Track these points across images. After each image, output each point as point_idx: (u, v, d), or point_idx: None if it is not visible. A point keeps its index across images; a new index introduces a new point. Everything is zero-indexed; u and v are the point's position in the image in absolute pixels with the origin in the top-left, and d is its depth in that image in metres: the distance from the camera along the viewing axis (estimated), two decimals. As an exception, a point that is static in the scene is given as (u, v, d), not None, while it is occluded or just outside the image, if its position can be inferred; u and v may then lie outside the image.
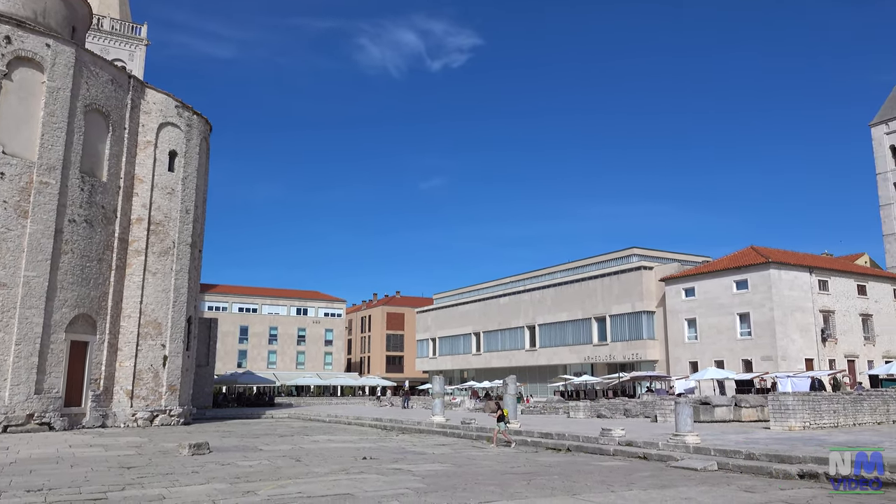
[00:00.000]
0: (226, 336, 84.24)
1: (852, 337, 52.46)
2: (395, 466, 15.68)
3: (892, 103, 69.17)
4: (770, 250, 53.51)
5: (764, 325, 49.14)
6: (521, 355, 70.11)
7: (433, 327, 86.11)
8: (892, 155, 67.66)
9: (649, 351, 56.53)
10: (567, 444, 20.10)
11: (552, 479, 13.47)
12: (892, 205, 66.94)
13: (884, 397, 27.05)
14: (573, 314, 63.90)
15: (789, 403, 23.53)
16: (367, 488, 12.15)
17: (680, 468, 15.20)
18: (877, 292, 55.12)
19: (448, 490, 12.02)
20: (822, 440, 18.39)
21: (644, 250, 62.59)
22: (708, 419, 27.82)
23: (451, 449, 20.48)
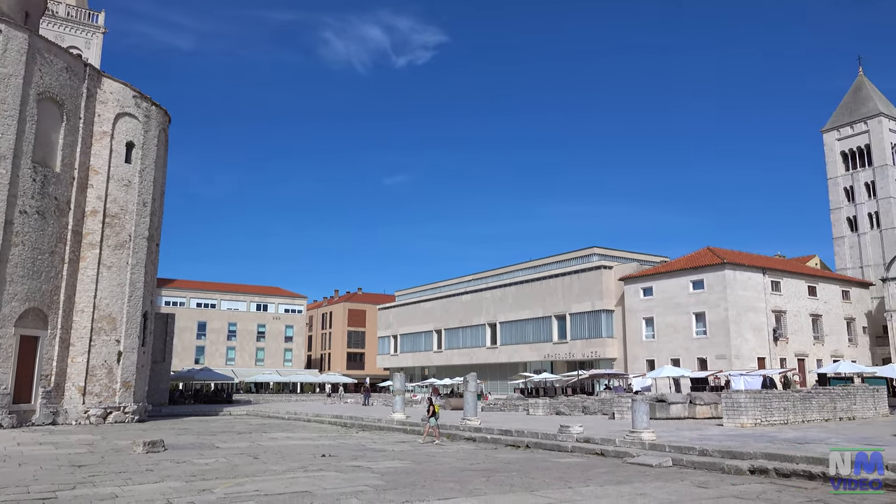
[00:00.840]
0: (183, 332, 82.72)
1: (802, 336, 54.00)
2: (354, 464, 15.63)
3: (843, 111, 71.36)
4: (725, 251, 54.74)
5: (719, 325, 50.26)
6: (482, 353, 70.47)
7: (395, 324, 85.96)
8: (843, 161, 69.84)
9: (608, 349, 57.35)
10: (526, 441, 20.28)
11: (511, 476, 13.58)
12: (841, 209, 69.08)
13: (831, 395, 27.90)
14: (534, 312, 64.46)
15: (742, 401, 24.12)
16: (325, 486, 12.09)
17: (636, 464, 15.47)
18: (826, 293, 56.82)
19: (407, 487, 12.03)
20: (773, 437, 18.91)
21: (604, 250, 63.46)
22: (664, 416, 28.35)
23: (411, 446, 20.48)
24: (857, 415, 27.96)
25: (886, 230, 65.27)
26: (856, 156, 69.05)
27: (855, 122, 69.28)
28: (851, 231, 68.24)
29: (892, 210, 65.41)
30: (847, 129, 69.79)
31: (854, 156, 69.19)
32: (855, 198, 68.20)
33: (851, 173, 68.91)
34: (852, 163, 69.31)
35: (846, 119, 70.27)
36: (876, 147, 67.32)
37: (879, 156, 66.93)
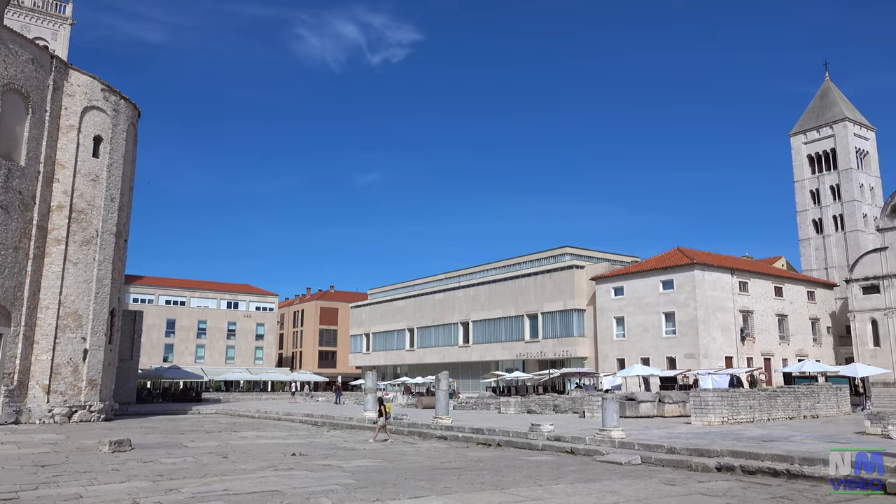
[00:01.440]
0: (151, 329, 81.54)
1: (769, 336, 54.98)
2: (324, 463, 15.55)
3: (810, 115, 72.78)
4: (695, 252, 55.49)
5: (688, 324, 50.95)
6: (455, 351, 70.56)
7: (367, 322, 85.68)
8: (809, 164, 71.22)
9: (579, 348, 57.80)
10: (497, 440, 20.36)
11: (482, 474, 13.63)
12: (807, 211, 70.45)
13: (795, 394, 28.47)
14: (506, 311, 64.72)
15: (709, 399, 24.49)
16: (295, 485, 12.01)
17: (605, 462, 15.62)
18: (792, 294, 57.92)
19: (378, 486, 12.01)
20: (739, 434, 19.24)
21: (576, 249, 63.94)
22: (633, 415, 28.66)
23: (383, 445, 20.45)
24: (821, 413, 28.58)
25: (850, 232, 66.73)
26: (822, 159, 70.48)
27: (821, 127, 70.70)
28: (817, 233, 69.65)
29: (856, 213, 66.88)
30: (813, 132, 71.20)
31: (820, 159, 70.61)
32: (820, 200, 69.60)
33: (817, 176, 70.32)
34: (818, 166, 70.73)
35: (813, 123, 71.66)
36: (841, 151, 68.77)
37: (844, 159, 68.38)
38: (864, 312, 55.57)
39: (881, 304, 54.48)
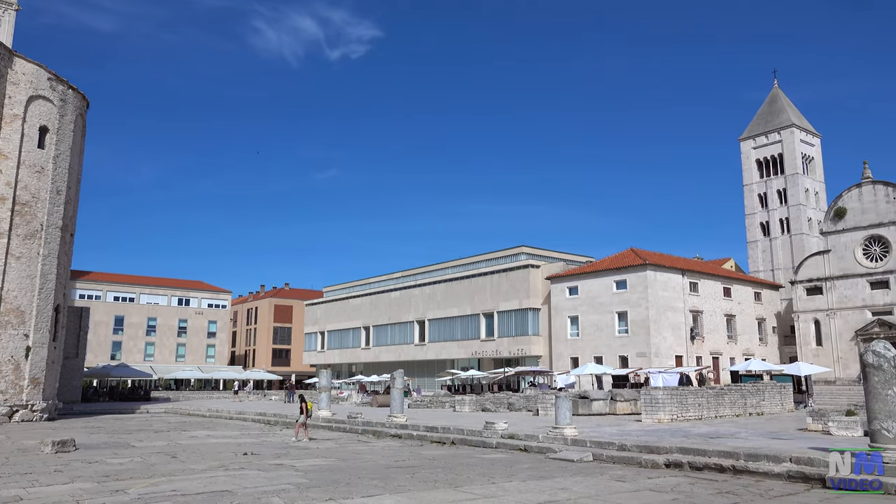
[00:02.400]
0: (99, 326, 79.30)
1: (717, 335, 56.39)
2: (277, 462, 15.37)
3: (760, 121, 74.86)
4: (647, 253, 56.55)
5: (640, 324, 51.90)
6: (411, 350, 70.50)
7: (322, 320, 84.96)
8: (758, 168, 73.24)
9: (534, 347, 58.36)
10: (452, 438, 20.42)
11: (436, 472, 13.64)
12: (755, 214, 72.45)
13: (742, 392, 29.27)
14: (462, 310, 64.94)
15: (659, 397, 25.00)
16: (246, 485, 11.83)
17: (558, 459, 15.80)
18: (740, 295, 59.52)
19: (331, 485, 11.92)
20: (688, 432, 19.68)
21: (532, 249, 64.52)
22: (586, 412, 29.07)
23: (336, 443, 20.31)
24: (766, 410, 29.43)
25: (796, 235, 68.87)
26: (770, 164, 72.56)
27: (769, 132, 72.77)
28: (764, 235, 71.69)
29: (801, 216, 69.07)
30: (762, 138, 73.25)
31: (768, 164, 72.68)
32: (768, 204, 71.64)
33: (765, 180, 72.37)
34: (766, 171, 72.79)
35: (762, 129, 73.73)
36: (788, 156, 70.91)
37: (791, 165, 70.53)
38: (807, 313, 57.44)
39: (824, 305, 56.39)
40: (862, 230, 55.10)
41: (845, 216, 56.16)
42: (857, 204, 55.78)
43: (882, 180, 54.94)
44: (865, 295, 54.33)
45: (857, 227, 55.31)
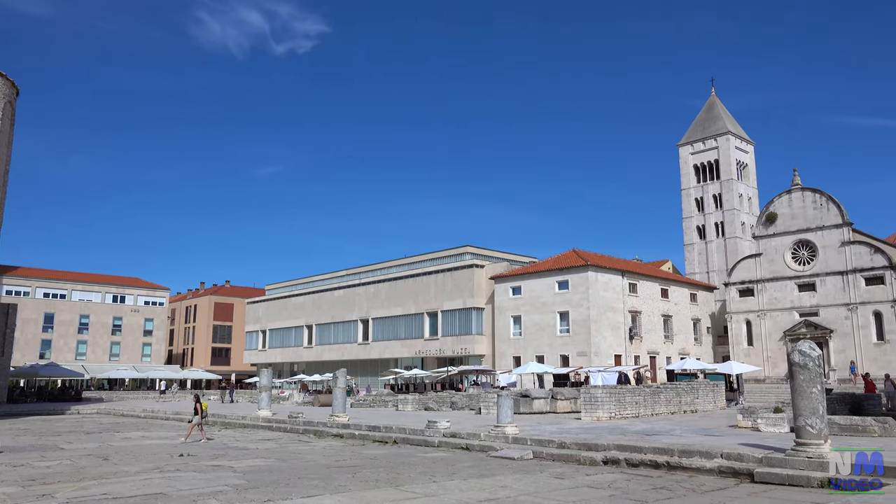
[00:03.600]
0: (27, 324, 76.02)
1: (655, 335, 57.91)
2: (214, 463, 15.05)
3: (697, 127, 77.19)
4: (589, 254, 57.62)
5: (581, 323, 52.86)
6: (354, 349, 70.04)
7: (264, 319, 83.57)
8: (695, 173, 75.50)
9: (477, 346, 58.75)
10: (394, 437, 20.38)
11: (377, 472, 13.60)
12: (692, 218, 74.67)
13: (677, 390, 30.14)
14: (407, 309, 64.87)
15: (598, 396, 25.52)
16: (181, 487, 11.55)
17: (499, 457, 15.96)
18: (677, 296, 61.28)
19: (270, 485, 11.74)
20: (625, 429, 20.14)
21: (476, 249, 64.92)
22: (527, 411, 29.44)
23: (277, 444, 20.02)
24: (699, 408, 30.38)
25: (730, 239, 71.28)
26: (706, 169, 74.87)
27: (706, 139, 75.11)
28: (700, 239, 73.94)
29: (735, 221, 71.52)
30: (700, 144, 75.54)
31: (705, 169, 74.99)
32: (704, 208, 73.92)
33: (702, 185, 74.65)
34: (703, 176, 75.10)
35: (699, 135, 76.03)
36: (724, 162, 73.34)
37: (726, 170, 72.96)
38: (739, 314, 59.54)
39: (755, 307, 58.56)
40: (791, 235, 57.43)
41: (776, 221, 58.43)
42: (787, 209, 58.11)
43: (810, 187, 57.39)
44: (794, 297, 56.66)
45: (787, 232, 57.62)
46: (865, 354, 51.84)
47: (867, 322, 52.51)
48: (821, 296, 55.08)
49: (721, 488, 11.51)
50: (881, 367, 47.13)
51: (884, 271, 52.19)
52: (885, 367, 47.07)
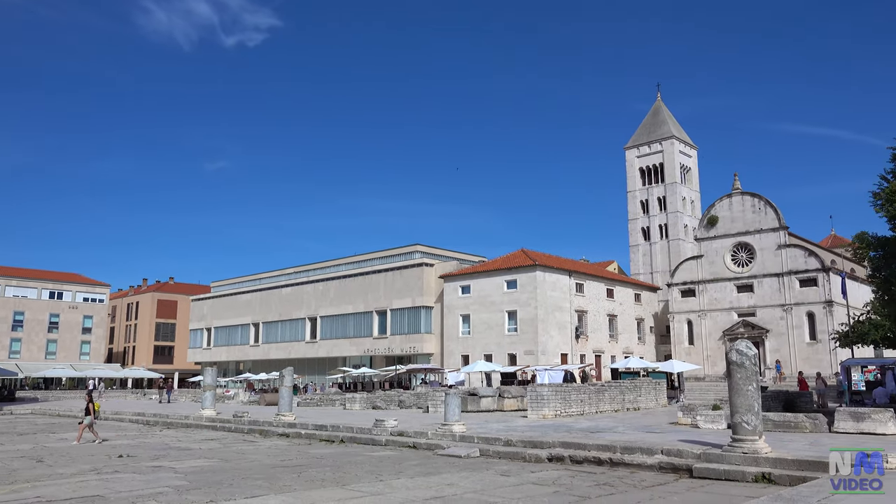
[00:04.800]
0: (-45, 320, 72.76)
1: (600, 334, 59.01)
2: (155, 464, 14.70)
3: (643, 131, 78.92)
4: (537, 254, 58.32)
5: (528, 322, 53.46)
6: (302, 347, 69.25)
7: (209, 316, 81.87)
8: (641, 176, 77.18)
9: (426, 344, 58.82)
10: (341, 436, 20.26)
11: (323, 471, 13.50)
12: (637, 220, 76.32)
13: (620, 388, 30.77)
14: (356, 307, 64.48)
15: (545, 394, 25.86)
16: (120, 489, 11.24)
17: (446, 456, 16.03)
18: (622, 296, 62.57)
19: (213, 486, 11.53)
20: (570, 426, 20.47)
21: (426, 248, 64.96)
22: (475, 409, 29.63)
23: (221, 443, 19.66)
24: (642, 405, 31.09)
25: (673, 241, 73.12)
26: (651, 172, 76.61)
27: (652, 142, 76.85)
28: (645, 240, 75.64)
29: (679, 223, 73.40)
30: (645, 147, 77.24)
31: (650, 172, 76.72)
32: (649, 210, 75.64)
33: (647, 188, 76.37)
34: (648, 179, 76.83)
35: (645, 139, 77.75)
36: (668, 166, 75.18)
37: (670, 174, 74.81)
38: (681, 314, 61.17)
39: (696, 307, 60.26)
40: (731, 237, 59.28)
41: (717, 224, 60.22)
42: (727, 213, 59.94)
43: (749, 192, 59.33)
44: (733, 297, 58.50)
45: (727, 235, 59.45)
46: (798, 354, 53.89)
47: (801, 322, 54.60)
48: (758, 297, 57.01)
49: (661, 483, 11.83)
50: (813, 366, 49.09)
51: (817, 273, 54.36)
52: (817, 366, 49.08)
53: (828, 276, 53.62)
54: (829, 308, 52.99)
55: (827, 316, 52.93)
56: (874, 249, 21.67)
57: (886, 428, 17.14)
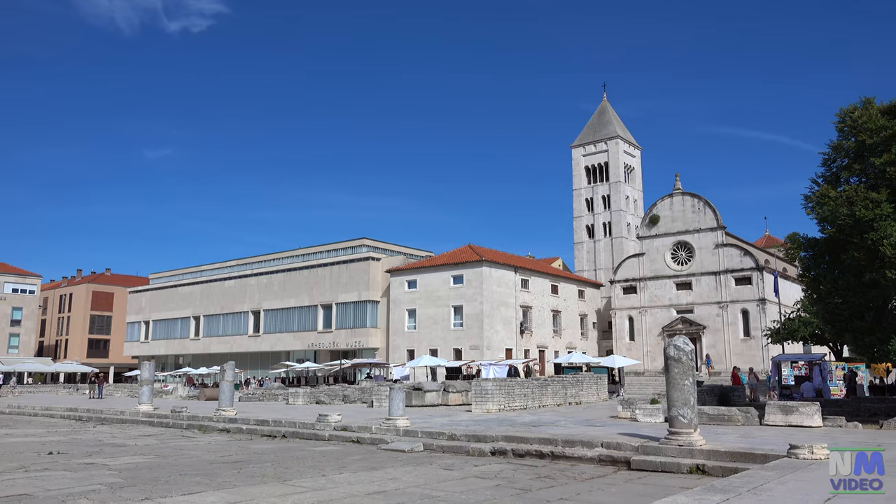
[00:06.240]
0: None
1: (544, 330, 59.83)
2: (87, 461, 14.22)
3: (589, 130, 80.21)
4: (484, 250, 58.70)
5: (474, 317, 53.79)
6: (244, 341, 68.04)
7: (147, 309, 79.59)
8: (586, 175, 78.46)
9: (371, 339, 58.55)
10: (283, 431, 19.99)
11: (264, 467, 13.30)
12: (582, 217, 77.59)
13: (563, 382, 31.27)
14: (300, 301, 63.69)
15: (489, 388, 26.07)
16: (49, 487, 10.83)
17: (390, 450, 15.99)
18: (566, 292, 63.56)
19: (148, 483, 11.22)
20: (513, 421, 20.69)
21: (373, 242, 64.63)
22: (419, 404, 29.65)
23: (158, 440, 19.16)
24: (583, 400, 31.68)
25: (616, 238, 74.64)
26: (597, 171, 77.99)
27: (597, 142, 78.20)
28: (589, 237, 76.98)
29: (622, 221, 74.95)
30: (591, 146, 78.55)
31: (595, 171, 78.08)
32: (594, 208, 77.00)
33: (592, 186, 77.72)
34: (593, 177, 78.17)
35: (591, 138, 79.05)
36: (612, 165, 76.64)
37: (615, 173, 76.29)
38: (623, 310, 62.54)
39: (637, 304, 61.69)
40: (671, 236, 60.87)
41: (658, 223, 61.73)
42: (668, 212, 61.51)
43: (690, 192, 61.01)
44: (672, 295, 60.11)
45: (668, 234, 61.02)
46: (733, 349, 55.78)
47: (736, 319, 56.51)
48: (696, 294, 58.72)
49: (600, 476, 12.07)
50: (747, 361, 50.90)
51: (751, 272, 56.33)
52: (751, 361, 50.93)
53: (762, 274, 55.61)
54: (762, 306, 54.97)
55: (760, 313, 54.91)
56: (805, 250, 22.54)
57: (812, 420, 17.90)
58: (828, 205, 20.05)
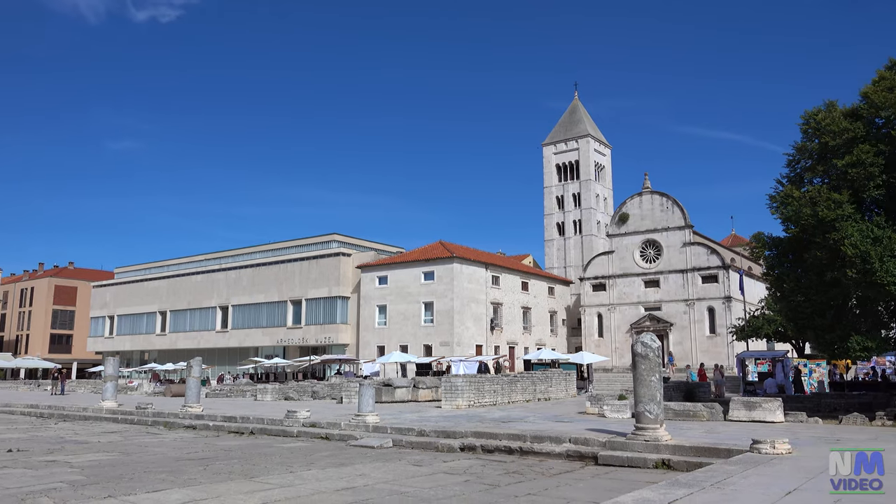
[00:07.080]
0: None
1: (514, 326, 60.14)
2: (48, 458, 13.92)
3: (560, 129, 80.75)
4: (455, 246, 58.77)
5: (445, 314, 53.85)
6: (212, 336, 67.22)
7: (112, 304, 78.17)
8: (557, 173, 79.02)
9: (342, 335, 58.28)
10: (251, 427, 19.80)
11: (231, 464, 13.15)
12: (553, 215, 78.14)
13: (532, 379, 31.49)
14: (269, 296, 63.13)
15: (458, 384, 26.13)
16: (8, 485, 10.58)
17: (359, 446, 15.93)
18: (536, 289, 63.95)
19: (112, 481, 11.02)
20: (483, 416, 20.77)
21: (344, 237, 64.31)
22: (389, 400, 29.60)
23: (122, 436, 18.83)
24: (552, 396, 31.92)
25: (586, 236, 75.33)
26: (567, 169, 78.58)
27: (568, 140, 78.80)
28: (559, 235, 77.56)
29: (592, 219, 75.67)
30: (562, 144, 79.11)
31: (566, 169, 78.67)
32: (564, 206, 77.58)
33: (563, 184, 78.28)
34: (564, 175, 78.74)
35: (562, 136, 79.61)
36: (583, 163, 77.29)
37: (585, 171, 76.95)
38: (592, 307, 63.12)
39: (606, 301, 62.32)
40: (640, 234, 61.58)
41: (627, 221, 62.41)
42: (637, 211, 62.21)
43: (658, 191, 61.76)
44: (640, 292, 60.84)
45: (637, 232, 61.72)
46: (699, 346, 56.67)
47: (702, 316, 57.42)
48: (664, 292, 59.51)
49: (568, 471, 12.18)
50: (713, 358, 51.72)
51: (718, 271, 57.26)
52: (716, 358, 51.76)
53: (727, 273, 56.56)
54: (727, 303, 55.93)
55: (726, 311, 55.87)
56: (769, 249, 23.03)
57: (775, 416, 18.28)
58: (791, 205, 20.48)
